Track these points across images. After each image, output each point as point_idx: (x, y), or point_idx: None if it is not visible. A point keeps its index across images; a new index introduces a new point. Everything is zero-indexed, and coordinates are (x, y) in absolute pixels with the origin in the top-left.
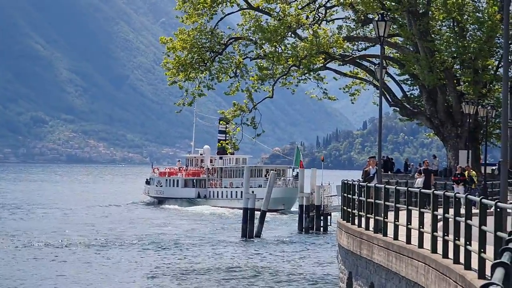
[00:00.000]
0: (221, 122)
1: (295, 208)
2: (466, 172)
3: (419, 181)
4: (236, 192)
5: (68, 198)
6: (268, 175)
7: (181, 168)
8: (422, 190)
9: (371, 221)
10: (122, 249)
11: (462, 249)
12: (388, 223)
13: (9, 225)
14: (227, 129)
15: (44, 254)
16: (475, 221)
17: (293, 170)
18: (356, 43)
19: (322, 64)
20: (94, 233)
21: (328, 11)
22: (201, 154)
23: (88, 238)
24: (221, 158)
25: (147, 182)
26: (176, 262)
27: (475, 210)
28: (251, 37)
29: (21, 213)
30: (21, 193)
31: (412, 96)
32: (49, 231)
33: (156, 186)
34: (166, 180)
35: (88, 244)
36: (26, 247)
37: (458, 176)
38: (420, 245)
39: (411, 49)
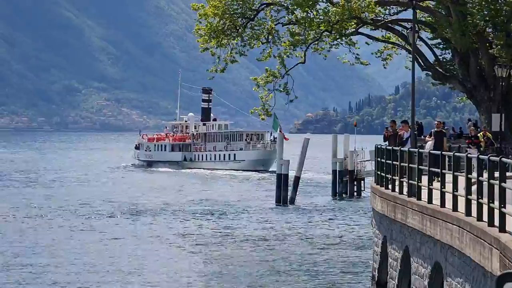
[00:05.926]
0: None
1: (273, 168)
2: (481, 133)
3: (429, 144)
4: (219, 155)
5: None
6: (248, 139)
7: (168, 134)
8: (440, 152)
9: (405, 185)
10: (151, 218)
11: (496, 212)
12: (422, 187)
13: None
14: (259, 95)
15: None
16: (509, 184)
17: (271, 135)
18: (388, 7)
19: (354, 29)
20: (113, 202)
21: None
22: (185, 121)
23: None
24: (204, 124)
25: (136, 147)
26: (215, 229)
27: (509, 173)
28: (282, 3)
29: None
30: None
31: (444, 60)
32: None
33: (145, 150)
34: (155, 145)
35: (106, 214)
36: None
37: (472, 139)
38: (454, 208)
39: (443, 12)
